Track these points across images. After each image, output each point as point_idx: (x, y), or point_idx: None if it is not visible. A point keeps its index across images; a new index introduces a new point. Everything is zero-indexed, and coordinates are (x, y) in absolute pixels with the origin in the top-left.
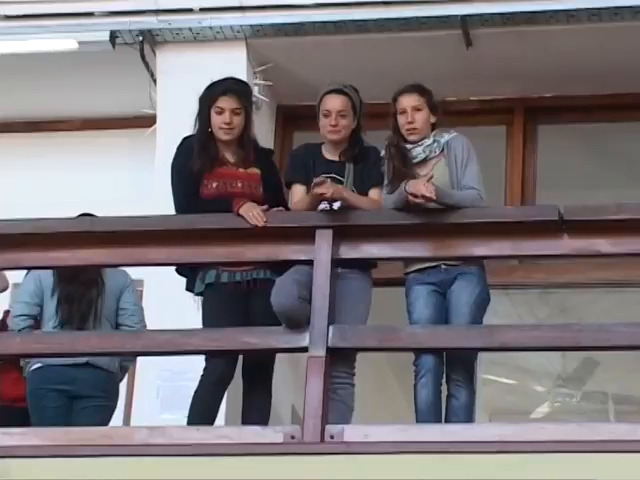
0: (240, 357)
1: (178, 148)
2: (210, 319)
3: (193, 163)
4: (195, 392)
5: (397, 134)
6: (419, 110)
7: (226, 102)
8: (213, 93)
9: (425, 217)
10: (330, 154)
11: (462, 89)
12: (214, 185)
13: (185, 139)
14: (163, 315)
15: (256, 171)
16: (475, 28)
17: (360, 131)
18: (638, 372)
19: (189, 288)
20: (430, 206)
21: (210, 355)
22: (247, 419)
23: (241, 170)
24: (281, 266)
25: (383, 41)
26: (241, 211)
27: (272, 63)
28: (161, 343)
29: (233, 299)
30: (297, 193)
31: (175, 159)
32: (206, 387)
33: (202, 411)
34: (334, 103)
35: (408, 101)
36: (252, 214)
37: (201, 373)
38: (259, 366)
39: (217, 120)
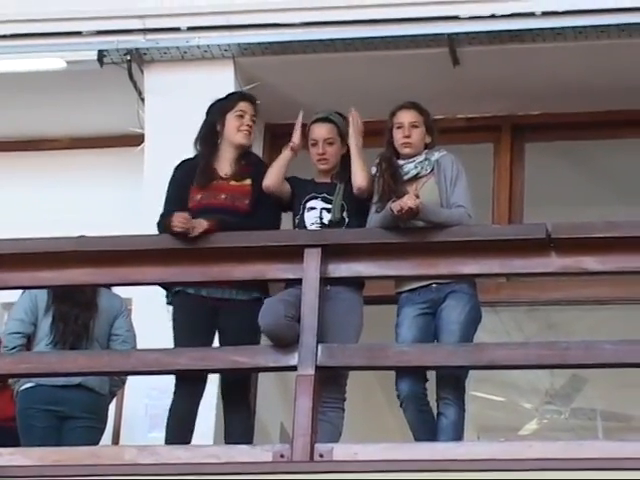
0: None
1: (175, 169)
2: (178, 330)
3: (198, 178)
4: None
5: (390, 149)
6: (416, 127)
7: (247, 107)
8: (232, 99)
9: (413, 236)
10: (320, 178)
11: (449, 107)
12: (198, 197)
13: (182, 162)
14: (152, 334)
15: (248, 183)
16: (462, 46)
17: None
18: (626, 389)
19: (169, 302)
20: (418, 225)
21: (193, 375)
22: (230, 436)
23: (232, 183)
24: (257, 285)
25: (370, 59)
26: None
27: (260, 82)
28: (149, 363)
29: (200, 312)
30: None
31: (171, 178)
32: (177, 402)
33: (176, 426)
34: (320, 132)
35: (406, 116)
36: (176, 221)
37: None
38: (237, 383)
39: (237, 122)
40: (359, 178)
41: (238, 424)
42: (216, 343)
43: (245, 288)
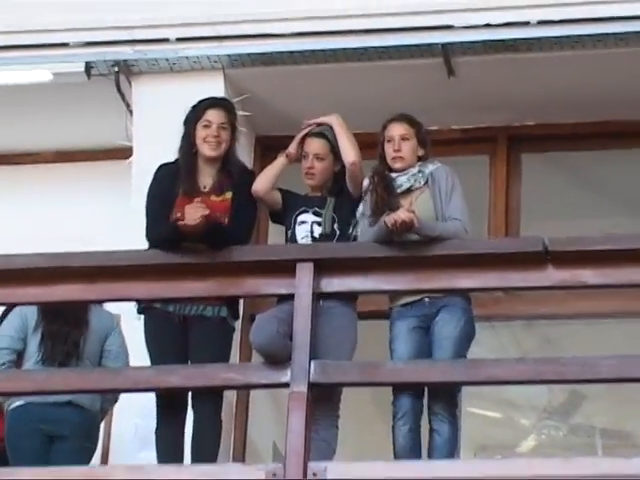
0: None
1: (155, 174)
2: (149, 347)
3: (177, 187)
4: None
5: (383, 163)
6: (406, 140)
7: (214, 115)
8: (200, 107)
9: (407, 249)
10: (311, 192)
11: (444, 118)
12: (178, 215)
13: (162, 166)
14: (143, 351)
15: (229, 196)
16: (457, 56)
17: (343, 173)
18: (625, 405)
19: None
20: (412, 238)
21: (185, 392)
22: (196, 452)
23: (213, 198)
24: (225, 301)
25: (363, 70)
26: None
27: (250, 93)
28: (140, 381)
29: (168, 329)
30: None
31: (152, 185)
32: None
33: (165, 451)
34: (312, 146)
35: (396, 129)
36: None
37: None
38: (209, 397)
39: (203, 133)
40: (349, 153)
41: (206, 439)
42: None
43: (213, 304)
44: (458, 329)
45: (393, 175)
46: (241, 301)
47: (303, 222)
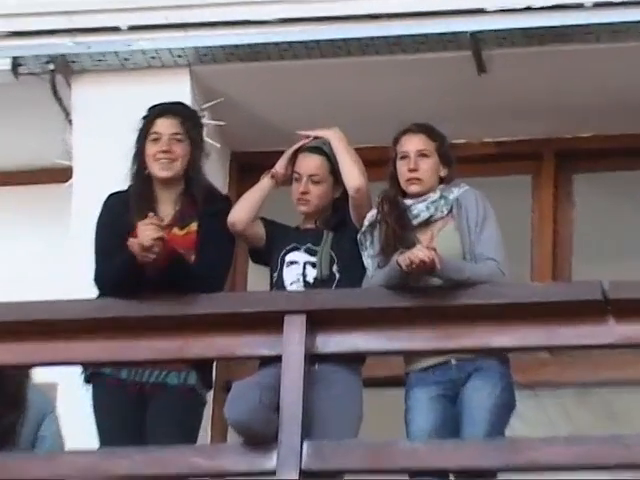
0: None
1: (104, 206)
2: (97, 420)
3: (130, 218)
4: None
5: (395, 186)
6: (425, 156)
7: (163, 125)
8: (148, 116)
9: (427, 298)
10: (304, 223)
11: (473, 129)
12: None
13: (112, 195)
14: (88, 430)
15: (194, 228)
16: (489, 48)
17: (344, 200)
18: None
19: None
20: (434, 283)
21: None
22: None
23: (176, 231)
24: (195, 366)
25: (368, 67)
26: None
27: (224, 97)
28: (82, 468)
29: (121, 401)
30: None
31: (100, 219)
32: None
33: None
34: (306, 165)
35: (412, 144)
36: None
37: None
38: None
39: (152, 149)
40: (352, 176)
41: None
42: None
43: (178, 369)
44: (493, 398)
45: (408, 202)
46: (214, 365)
47: (293, 262)
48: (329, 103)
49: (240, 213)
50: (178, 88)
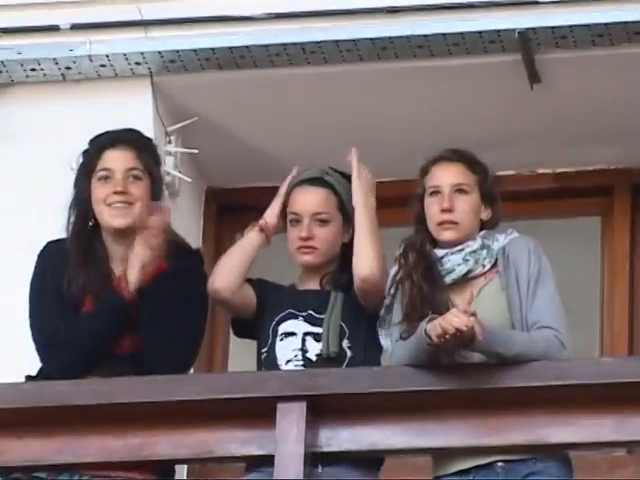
0: None
1: (40, 258)
2: None
3: (70, 284)
4: None
5: (422, 231)
6: (464, 193)
7: (115, 159)
8: (93, 149)
9: (465, 379)
10: (304, 281)
11: (524, 156)
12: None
13: (50, 244)
14: None
15: None
16: (544, 52)
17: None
18: None
19: None
20: (473, 360)
21: None
22: None
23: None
24: (158, 472)
25: (385, 75)
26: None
27: (197, 117)
28: None
29: None
30: None
31: (35, 276)
32: None
33: None
34: (306, 202)
35: (447, 176)
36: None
37: None
38: None
39: (101, 192)
40: (364, 260)
41: None
42: None
43: (133, 479)
44: None
45: (439, 252)
46: (183, 470)
47: (289, 334)
48: (333, 124)
49: (224, 277)
50: (137, 106)
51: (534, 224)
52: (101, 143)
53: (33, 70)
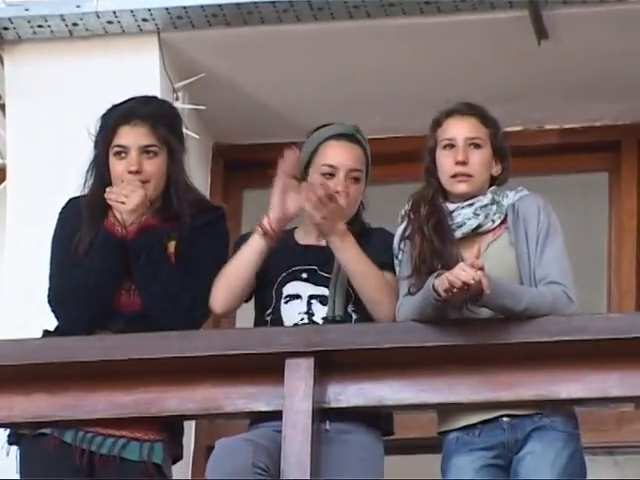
0: None
1: (61, 214)
2: None
3: (79, 243)
4: None
5: (434, 184)
6: (478, 147)
7: (130, 136)
8: (108, 122)
9: (472, 334)
10: (308, 236)
11: (532, 112)
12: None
13: (72, 200)
14: None
15: (172, 249)
16: (552, 8)
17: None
18: None
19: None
20: (480, 315)
21: None
22: None
23: None
24: (165, 432)
25: (392, 32)
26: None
27: (204, 74)
28: None
29: (62, 471)
30: None
31: (54, 234)
32: None
33: None
34: (343, 156)
35: (461, 129)
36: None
37: None
38: None
39: (118, 167)
40: (377, 313)
41: None
42: None
43: (140, 438)
44: (559, 467)
45: (450, 206)
46: (192, 427)
47: (294, 297)
48: (340, 80)
49: (219, 297)
50: (144, 62)
51: (541, 180)
52: (116, 119)
53: (40, 27)
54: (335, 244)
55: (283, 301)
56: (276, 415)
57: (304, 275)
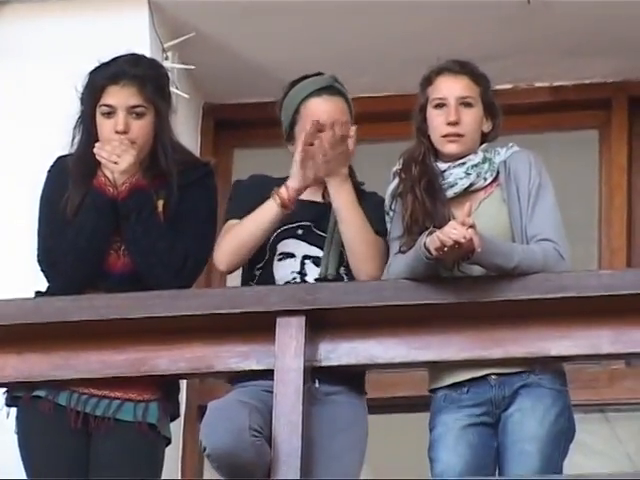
0: None
1: (48, 173)
2: (24, 459)
3: (67, 202)
4: None
5: (425, 143)
6: (469, 106)
7: (117, 96)
8: (96, 80)
9: (463, 291)
10: (305, 193)
11: (522, 70)
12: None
13: (60, 159)
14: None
15: (160, 208)
16: None
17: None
18: None
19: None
20: (472, 273)
21: None
22: None
23: None
24: (161, 391)
25: None
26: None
27: (194, 33)
28: None
29: (57, 433)
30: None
31: (42, 193)
32: None
33: None
34: (327, 111)
35: (453, 87)
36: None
37: None
38: None
39: (105, 127)
40: (361, 269)
41: None
42: None
43: (134, 399)
44: (547, 425)
45: (441, 166)
46: (183, 386)
47: (288, 255)
48: (330, 39)
49: (228, 259)
50: (133, 22)
51: (531, 138)
52: (103, 78)
53: None
54: (335, 187)
55: (277, 258)
56: (267, 374)
57: (299, 232)
